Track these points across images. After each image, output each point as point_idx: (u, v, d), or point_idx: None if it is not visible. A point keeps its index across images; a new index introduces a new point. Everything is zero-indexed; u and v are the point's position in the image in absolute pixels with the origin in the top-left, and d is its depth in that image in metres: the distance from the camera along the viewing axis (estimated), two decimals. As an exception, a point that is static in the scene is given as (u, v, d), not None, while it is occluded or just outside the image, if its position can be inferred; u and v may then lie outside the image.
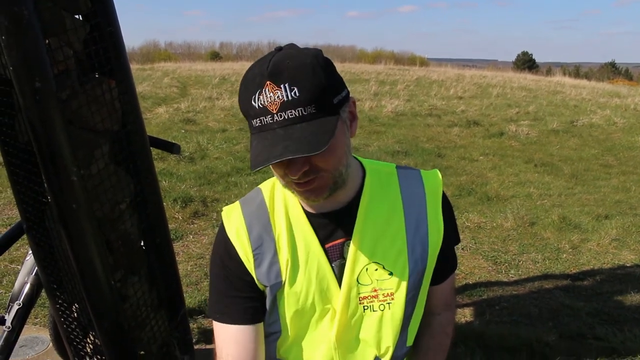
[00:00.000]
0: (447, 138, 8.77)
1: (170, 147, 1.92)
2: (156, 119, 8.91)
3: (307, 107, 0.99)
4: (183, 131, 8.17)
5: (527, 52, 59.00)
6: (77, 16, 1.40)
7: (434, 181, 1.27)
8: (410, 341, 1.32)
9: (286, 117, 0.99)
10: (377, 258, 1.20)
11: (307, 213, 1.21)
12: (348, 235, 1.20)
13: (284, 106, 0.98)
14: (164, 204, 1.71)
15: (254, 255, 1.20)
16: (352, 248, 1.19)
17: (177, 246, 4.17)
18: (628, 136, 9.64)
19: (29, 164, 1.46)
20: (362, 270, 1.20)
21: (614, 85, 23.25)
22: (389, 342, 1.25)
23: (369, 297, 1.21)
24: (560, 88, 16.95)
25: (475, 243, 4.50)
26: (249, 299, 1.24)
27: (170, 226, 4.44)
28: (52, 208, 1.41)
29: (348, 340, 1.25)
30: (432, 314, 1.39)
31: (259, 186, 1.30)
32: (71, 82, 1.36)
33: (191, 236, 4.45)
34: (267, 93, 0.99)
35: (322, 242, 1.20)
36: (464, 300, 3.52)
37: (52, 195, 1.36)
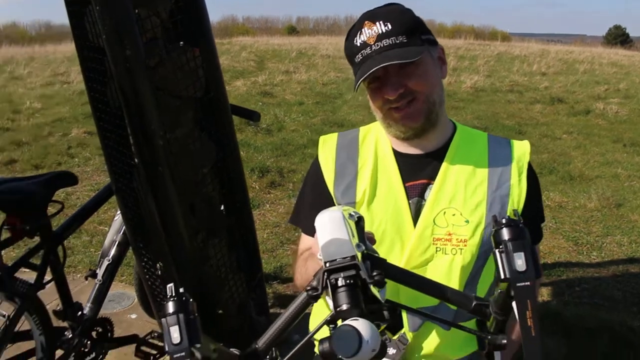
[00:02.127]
0: (528, 115, 8.45)
1: (251, 115, 1.97)
2: (234, 92, 9.08)
3: (398, 37, 1.19)
4: (260, 104, 8.30)
5: (619, 26, 55.36)
6: (164, -14, 1.45)
7: (522, 149, 1.33)
8: None
9: (382, 46, 1.19)
10: (456, 204, 1.26)
11: (395, 152, 1.33)
12: (431, 178, 1.29)
13: (380, 37, 1.19)
14: (243, 172, 1.77)
15: (335, 177, 1.36)
16: (434, 189, 1.27)
17: (254, 214, 4.28)
18: None
19: (119, 128, 1.54)
20: (439, 212, 1.26)
21: None
22: (456, 288, 1.26)
23: (443, 240, 1.25)
24: (657, 64, 15.89)
25: (555, 222, 4.35)
26: None
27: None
28: (139, 170, 1.49)
29: None
30: None
31: (359, 127, 1.45)
32: (158, 50, 1.42)
33: (268, 205, 4.56)
34: (366, 30, 1.21)
35: (404, 180, 1.29)
36: (541, 279, 3.43)
37: (140, 158, 1.44)
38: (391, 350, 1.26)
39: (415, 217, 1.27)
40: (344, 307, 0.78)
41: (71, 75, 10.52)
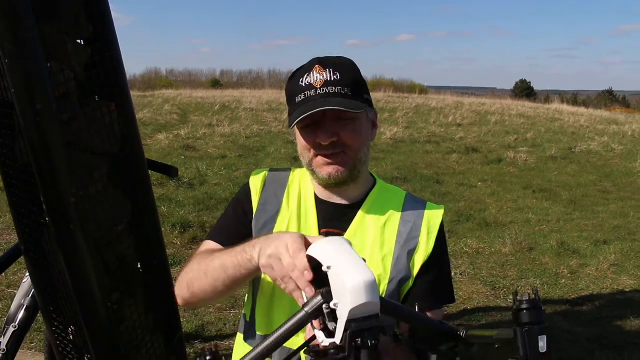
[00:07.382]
0: (445, 164, 8.81)
1: (168, 170, 1.93)
2: (156, 145, 8.94)
3: (345, 88, 1.22)
4: (183, 157, 8.20)
5: (525, 80, 59.13)
6: (78, 41, 1.42)
7: (435, 212, 1.36)
8: None
9: (327, 92, 1.22)
10: (364, 256, 1.24)
11: (317, 198, 1.36)
12: (344, 229, 1.31)
13: (327, 83, 1.22)
14: (163, 229, 1.73)
15: (257, 210, 1.37)
16: None
17: (175, 271, 4.15)
18: (626, 162, 9.69)
19: (28, 185, 1.47)
20: None
21: (612, 113, 23.35)
22: None
23: None
24: (559, 115, 17.06)
25: (473, 268, 4.49)
26: (241, 236, 1.33)
27: (169, 251, 4.43)
28: (50, 229, 1.42)
29: None
30: None
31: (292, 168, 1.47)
32: (72, 105, 1.38)
33: (189, 261, 4.43)
34: (315, 74, 1.24)
35: (321, 226, 1.32)
36: (463, 325, 3.50)
37: (50, 216, 1.37)
38: None
39: None
40: None
41: (-20, 128, 9.99)
